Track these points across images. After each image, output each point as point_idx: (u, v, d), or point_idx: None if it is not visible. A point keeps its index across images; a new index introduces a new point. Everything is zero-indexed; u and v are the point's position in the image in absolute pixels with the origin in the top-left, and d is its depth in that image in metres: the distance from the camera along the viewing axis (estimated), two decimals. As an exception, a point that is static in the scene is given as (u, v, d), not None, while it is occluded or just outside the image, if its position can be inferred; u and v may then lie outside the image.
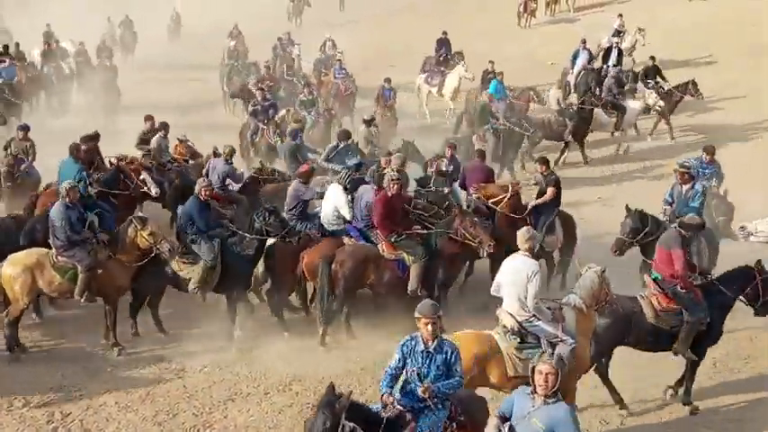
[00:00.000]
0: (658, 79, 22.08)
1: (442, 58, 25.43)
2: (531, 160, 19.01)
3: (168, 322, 11.88)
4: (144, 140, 16.44)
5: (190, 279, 11.44)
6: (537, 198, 13.23)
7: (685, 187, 12.02)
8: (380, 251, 11.57)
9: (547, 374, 6.32)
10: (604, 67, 23.74)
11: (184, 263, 11.48)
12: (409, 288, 11.40)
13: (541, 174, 13.45)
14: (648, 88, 21.65)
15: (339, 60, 25.04)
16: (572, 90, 24.11)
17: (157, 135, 16.08)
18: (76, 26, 27.97)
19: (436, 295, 11.39)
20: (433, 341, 7.02)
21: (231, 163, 14.75)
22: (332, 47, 27.05)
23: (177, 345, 11.47)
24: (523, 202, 13.14)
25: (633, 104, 21.06)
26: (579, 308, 8.68)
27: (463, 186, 14.08)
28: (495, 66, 23.30)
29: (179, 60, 30.21)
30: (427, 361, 7.02)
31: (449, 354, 7.02)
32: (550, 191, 13.10)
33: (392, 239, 11.52)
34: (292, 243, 11.66)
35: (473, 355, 8.22)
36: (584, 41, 24.88)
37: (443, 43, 26.19)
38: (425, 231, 11.85)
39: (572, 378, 8.50)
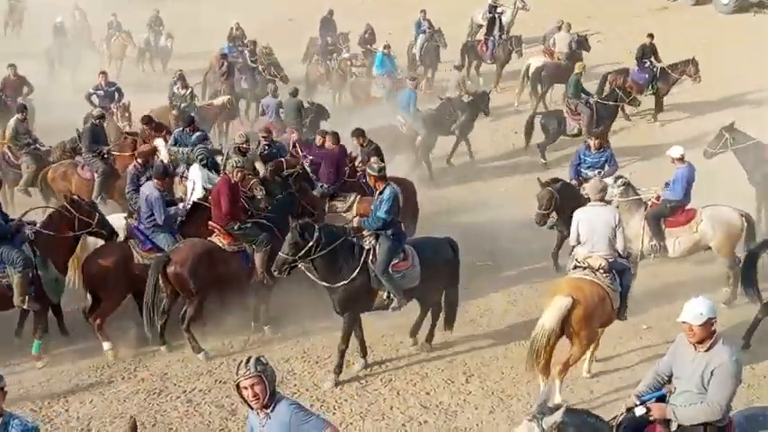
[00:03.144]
0: (653, 59, 20.74)
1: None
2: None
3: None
4: None
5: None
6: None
7: (377, 193, 10.14)
8: (219, 244, 10.81)
9: (252, 386, 5.49)
10: (491, 38, 23.78)
11: None
12: (257, 278, 10.86)
13: (360, 146, 13.83)
14: (644, 68, 20.55)
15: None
16: (418, 62, 24.29)
17: (14, 117, 15.31)
18: None
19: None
20: None
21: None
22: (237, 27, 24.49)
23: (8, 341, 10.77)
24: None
25: None
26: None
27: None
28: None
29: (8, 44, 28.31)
30: None
31: None
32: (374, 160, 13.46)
33: (233, 229, 10.81)
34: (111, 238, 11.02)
35: (599, 296, 9.06)
36: (423, 12, 24.70)
37: (328, 24, 24.81)
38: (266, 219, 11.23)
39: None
